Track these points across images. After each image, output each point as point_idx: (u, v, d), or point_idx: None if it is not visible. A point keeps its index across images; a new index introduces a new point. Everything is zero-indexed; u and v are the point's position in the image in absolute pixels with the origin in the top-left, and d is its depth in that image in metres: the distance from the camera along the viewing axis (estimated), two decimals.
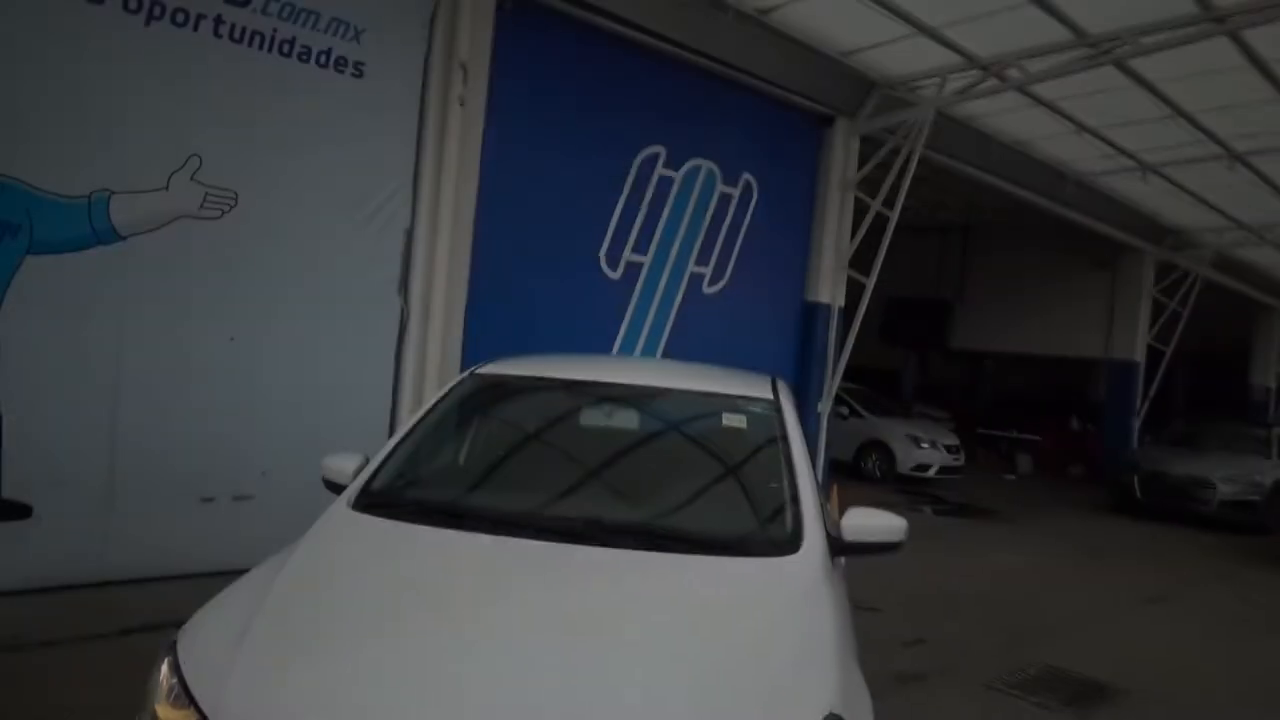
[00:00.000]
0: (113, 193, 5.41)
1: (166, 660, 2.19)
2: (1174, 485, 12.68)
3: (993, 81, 9.08)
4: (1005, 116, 10.67)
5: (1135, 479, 13.08)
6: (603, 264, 8.04)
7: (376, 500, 2.96)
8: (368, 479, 3.06)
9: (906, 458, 13.93)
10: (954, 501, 12.93)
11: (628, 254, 8.21)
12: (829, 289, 10.03)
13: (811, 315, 9.99)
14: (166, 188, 5.62)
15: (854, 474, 13.88)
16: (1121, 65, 8.62)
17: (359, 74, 6.37)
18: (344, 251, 6.42)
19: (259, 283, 6.03)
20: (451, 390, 3.56)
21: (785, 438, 3.27)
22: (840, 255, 10.06)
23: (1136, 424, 16.30)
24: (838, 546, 3.01)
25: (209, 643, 2.20)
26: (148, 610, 5.04)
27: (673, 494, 3.12)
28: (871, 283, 9.85)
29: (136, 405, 5.57)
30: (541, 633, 2.25)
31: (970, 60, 8.90)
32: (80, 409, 5.39)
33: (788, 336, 9.93)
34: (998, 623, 6.55)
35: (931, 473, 14.01)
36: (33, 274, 5.16)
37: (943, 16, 8.14)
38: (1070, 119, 10.66)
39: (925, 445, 14.05)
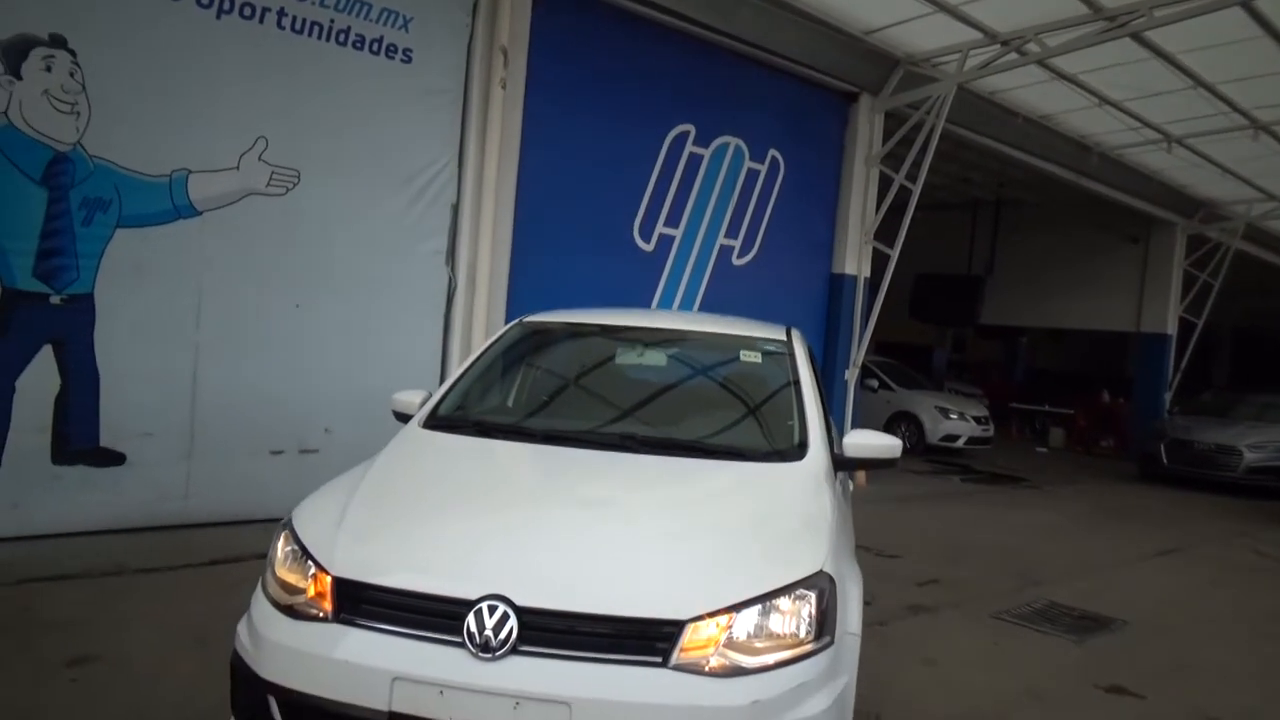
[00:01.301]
0: (190, 171, 5.97)
1: (284, 534, 2.71)
2: (1200, 452, 12.89)
3: (1012, 56, 9.34)
4: (1028, 90, 10.91)
5: (1162, 446, 13.30)
6: (636, 237, 8.50)
7: (442, 422, 3.48)
8: (434, 406, 3.57)
9: (935, 429, 14.24)
10: (982, 470, 13.25)
11: (660, 227, 8.66)
12: (855, 261, 10.40)
13: (838, 286, 10.38)
14: (237, 167, 6.17)
15: None
16: (1139, 37, 8.86)
17: (408, 60, 6.87)
18: (396, 225, 6.94)
19: (321, 254, 6.57)
20: (502, 335, 4.06)
21: (795, 371, 3.72)
22: (865, 228, 10.42)
23: (1168, 397, 16.43)
24: (840, 462, 3.45)
25: (316, 520, 2.72)
26: (228, 547, 5.62)
27: (695, 415, 3.61)
28: (896, 254, 10.22)
29: (214, 364, 6.15)
30: (585, 509, 2.77)
31: (990, 35, 9.19)
32: (165, 367, 5.97)
33: (815, 307, 10.33)
34: (1010, 568, 6.93)
35: (960, 443, 14.31)
36: (123, 244, 5.75)
37: None
38: (1093, 92, 10.87)
39: (953, 416, 14.35)
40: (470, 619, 2.29)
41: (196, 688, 3.64)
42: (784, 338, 4.00)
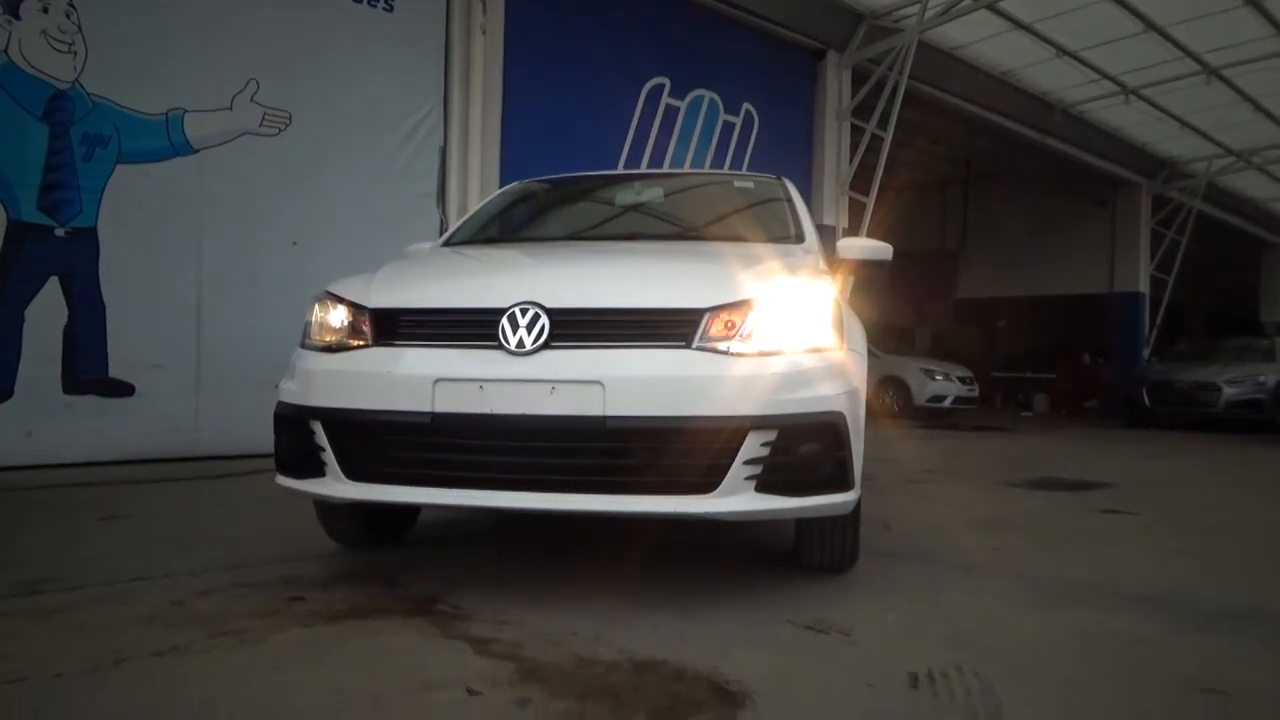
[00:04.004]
0: (186, 111, 6.14)
1: (319, 301, 2.86)
2: (1181, 391, 13.14)
3: (968, 1, 9.71)
4: (988, 44, 11.27)
5: (1143, 390, 13.56)
6: None
7: (458, 243, 3.65)
8: (448, 238, 3.75)
9: (921, 391, 14.40)
10: (970, 426, 13.45)
11: None
12: (833, 211, 10.66)
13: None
14: (230, 107, 6.35)
15: (871, 411, 14.35)
16: None
17: (389, 8, 7.10)
18: (386, 168, 7.12)
19: (315, 194, 6.73)
20: (502, 192, 4.25)
21: (788, 194, 3.92)
22: (841, 179, 10.70)
23: (1145, 352, 16.76)
24: (836, 265, 3.63)
25: (349, 285, 2.88)
26: (240, 469, 5.71)
27: (697, 221, 3.80)
28: (872, 201, 10.49)
29: (216, 300, 6.27)
30: (606, 250, 2.98)
31: None
32: (169, 301, 6.09)
33: None
34: (1003, 463, 7.14)
35: (947, 403, 14.48)
36: (124, 180, 5.89)
37: None
38: (1050, 42, 11.25)
39: (939, 377, 14.53)
40: (504, 322, 2.45)
41: (226, 524, 3.77)
42: (775, 178, 4.20)
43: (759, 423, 2.38)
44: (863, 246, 3.63)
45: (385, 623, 2.39)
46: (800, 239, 3.47)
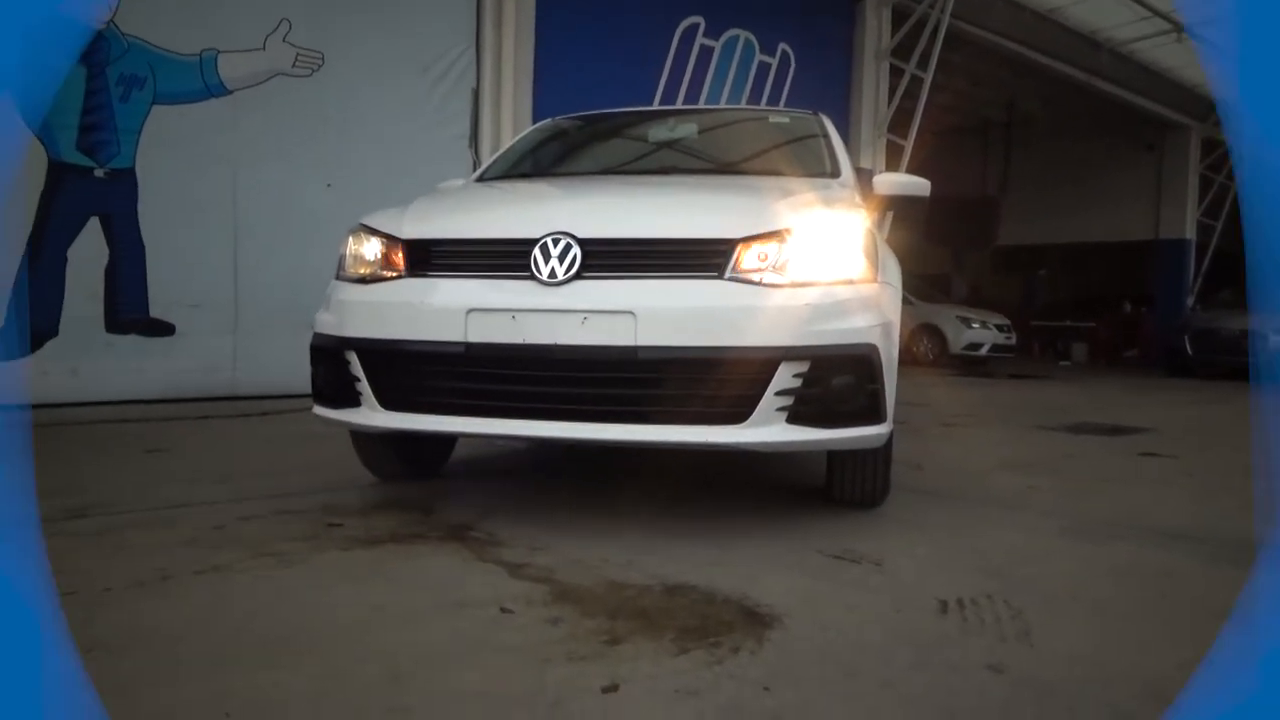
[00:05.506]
0: (219, 51, 6.14)
1: (353, 234, 2.88)
2: (1225, 339, 12.83)
3: None
4: None
5: (1186, 338, 13.28)
6: None
7: (490, 179, 3.64)
8: (480, 174, 3.74)
9: (957, 338, 14.23)
10: (1006, 374, 13.30)
11: None
12: (870, 155, 10.46)
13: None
14: (263, 48, 6.34)
15: (907, 359, 14.27)
16: None
17: None
18: (419, 110, 7.09)
19: (348, 135, 6.73)
20: (535, 129, 4.22)
21: (825, 132, 3.84)
22: (879, 121, 10.48)
23: (1190, 300, 16.40)
24: (872, 201, 3.57)
25: (383, 215, 2.90)
26: (279, 408, 5.81)
27: (732, 156, 3.75)
28: (910, 144, 10.28)
29: (253, 241, 6.32)
30: (639, 182, 2.97)
31: None
32: (207, 242, 6.16)
33: None
34: (1040, 408, 7.06)
35: (984, 351, 14.30)
36: (161, 121, 5.92)
37: None
38: None
39: (976, 325, 14.33)
40: (536, 252, 2.45)
41: (265, 458, 3.84)
42: (812, 113, 4.13)
43: (791, 353, 2.37)
44: (899, 181, 3.56)
45: (421, 547, 2.44)
46: (836, 174, 3.41)
